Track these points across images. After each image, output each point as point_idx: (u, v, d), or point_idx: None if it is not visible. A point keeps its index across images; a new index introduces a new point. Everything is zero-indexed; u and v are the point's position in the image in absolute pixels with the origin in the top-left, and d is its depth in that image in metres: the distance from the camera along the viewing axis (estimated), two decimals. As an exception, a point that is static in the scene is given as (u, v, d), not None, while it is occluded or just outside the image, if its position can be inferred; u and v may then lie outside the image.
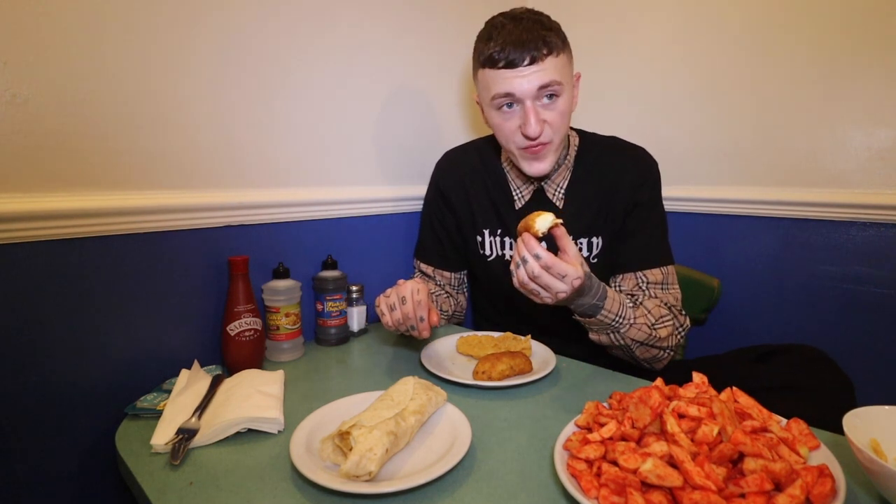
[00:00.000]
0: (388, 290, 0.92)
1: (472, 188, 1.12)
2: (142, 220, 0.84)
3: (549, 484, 0.59)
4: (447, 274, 1.18)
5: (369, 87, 1.18)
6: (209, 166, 0.94)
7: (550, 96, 0.90)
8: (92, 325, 0.80)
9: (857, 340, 1.12)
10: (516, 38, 0.86)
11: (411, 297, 0.87)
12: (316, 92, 1.08)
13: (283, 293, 0.97)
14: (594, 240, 1.04)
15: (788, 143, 1.17)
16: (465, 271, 1.22)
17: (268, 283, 0.98)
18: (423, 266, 1.21)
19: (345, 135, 1.15)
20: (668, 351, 0.95)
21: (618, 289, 1.02)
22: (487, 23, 0.93)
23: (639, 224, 1.02)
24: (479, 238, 1.12)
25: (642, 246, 1.01)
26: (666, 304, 0.97)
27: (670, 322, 0.95)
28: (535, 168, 0.97)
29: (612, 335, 0.90)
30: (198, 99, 0.90)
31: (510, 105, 0.91)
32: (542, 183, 1.05)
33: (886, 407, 0.59)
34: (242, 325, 0.90)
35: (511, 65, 0.87)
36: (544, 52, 0.86)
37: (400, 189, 1.27)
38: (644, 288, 0.99)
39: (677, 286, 1.01)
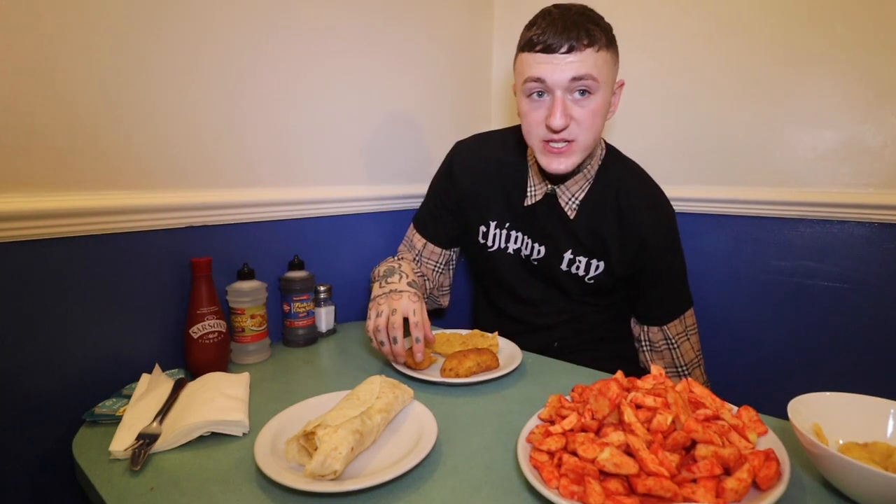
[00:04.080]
0: (382, 298, 0.91)
1: (486, 176, 1.08)
2: (100, 221, 0.81)
3: (513, 476, 0.60)
4: (437, 250, 1.16)
5: (338, 85, 1.18)
6: (170, 165, 0.92)
7: (583, 92, 0.85)
8: (47, 328, 0.77)
9: (804, 330, 1.18)
10: (559, 25, 0.82)
11: (402, 315, 0.86)
12: (281, 92, 1.07)
13: (248, 294, 0.96)
14: (594, 262, 1.03)
15: (741, 144, 1.22)
16: (457, 249, 1.20)
17: (232, 284, 0.97)
18: (417, 238, 1.17)
19: (312, 133, 1.14)
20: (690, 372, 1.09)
21: (647, 337, 1.10)
22: (539, 11, 0.89)
23: (661, 273, 1.02)
24: (482, 228, 1.10)
25: (665, 298, 1.06)
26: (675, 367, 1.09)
27: (685, 346, 1.07)
28: (555, 165, 0.91)
29: None
30: (157, 95, 0.88)
31: (540, 94, 0.87)
32: (556, 187, 1.01)
33: (828, 393, 0.63)
34: (206, 327, 0.88)
35: (548, 49, 0.83)
36: (584, 42, 0.82)
37: (368, 189, 1.27)
38: (668, 342, 1.08)
39: (695, 327, 1.09)
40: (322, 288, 1.11)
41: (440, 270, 1.18)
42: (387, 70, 1.29)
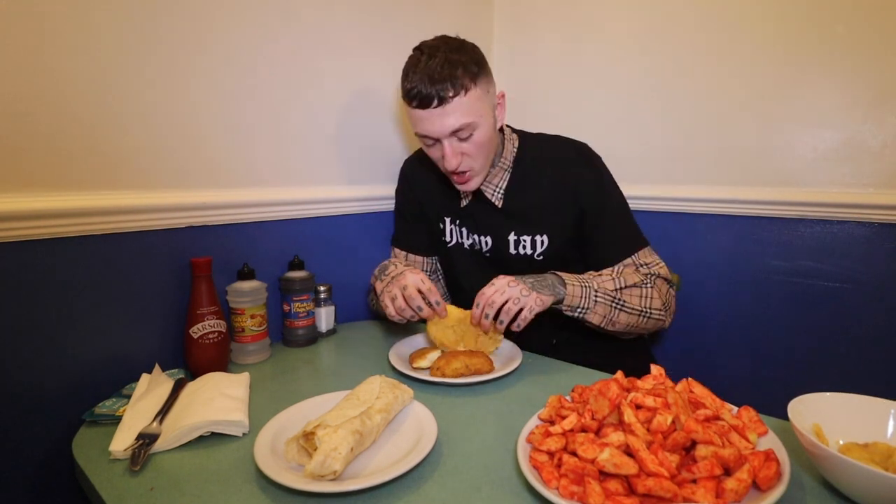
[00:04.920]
0: (390, 285, 0.97)
1: (434, 181, 1.16)
2: (100, 221, 0.81)
3: (513, 476, 0.60)
4: (419, 258, 1.21)
5: (336, 87, 1.18)
6: (170, 165, 0.92)
7: (465, 134, 0.93)
8: (48, 328, 0.78)
9: (804, 331, 1.18)
10: (427, 78, 0.88)
11: (414, 286, 0.93)
12: (282, 91, 1.07)
13: (248, 294, 0.96)
14: (538, 238, 1.07)
15: (741, 144, 1.22)
16: (437, 258, 1.23)
17: (232, 284, 0.97)
18: (397, 251, 1.23)
19: (311, 135, 1.14)
20: (647, 286, 0.99)
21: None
22: (411, 55, 0.95)
23: (599, 219, 1.04)
24: (441, 225, 1.17)
25: (612, 238, 1.05)
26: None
27: (631, 270, 1.01)
28: (464, 188, 1.03)
29: (596, 300, 0.93)
30: (157, 95, 0.88)
31: (431, 142, 0.96)
32: (480, 186, 1.07)
33: (828, 394, 0.63)
34: (206, 327, 0.88)
35: (421, 105, 0.90)
36: (450, 94, 0.89)
37: (367, 189, 1.27)
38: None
39: (655, 259, 1.04)
40: (322, 288, 1.11)
41: (429, 277, 1.21)
42: (387, 70, 1.29)
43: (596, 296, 0.94)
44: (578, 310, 0.93)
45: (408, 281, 0.94)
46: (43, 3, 0.74)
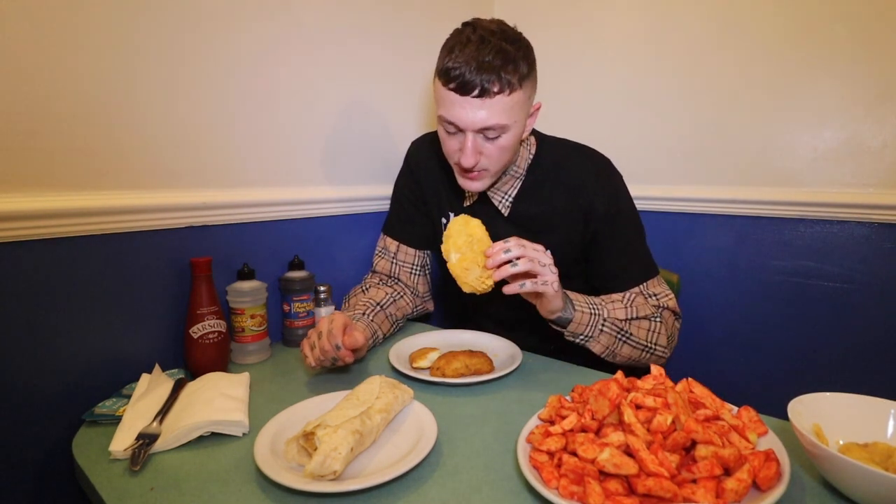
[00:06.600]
0: (310, 332, 0.89)
1: (441, 172, 1.12)
2: (100, 222, 0.81)
3: (513, 476, 0.60)
4: (411, 251, 1.17)
5: (335, 87, 1.18)
6: (170, 166, 0.92)
7: (493, 134, 0.87)
8: (47, 329, 0.77)
9: (804, 330, 1.18)
10: (474, 64, 0.80)
11: (326, 327, 0.84)
12: (281, 91, 1.07)
13: (248, 294, 0.96)
14: None
15: (742, 144, 1.22)
16: (429, 252, 1.21)
17: (232, 284, 0.97)
18: (389, 241, 1.18)
19: (310, 134, 1.14)
20: (657, 321, 0.94)
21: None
22: (459, 29, 0.87)
23: (611, 243, 1.00)
24: (443, 220, 1.13)
25: (618, 267, 1.00)
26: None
27: (643, 301, 0.95)
28: (468, 186, 0.96)
29: (602, 329, 0.89)
30: (157, 95, 0.88)
31: (453, 130, 0.89)
32: (487, 190, 1.03)
33: (828, 394, 0.63)
34: (206, 327, 0.88)
35: (460, 89, 0.82)
36: (495, 89, 0.81)
37: (367, 189, 1.27)
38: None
39: (664, 290, 1.00)
40: (322, 288, 1.11)
41: (417, 272, 1.18)
42: (388, 70, 1.29)
43: (603, 325, 0.89)
44: (581, 337, 0.89)
45: (322, 325, 0.85)
46: (43, 2, 0.74)
